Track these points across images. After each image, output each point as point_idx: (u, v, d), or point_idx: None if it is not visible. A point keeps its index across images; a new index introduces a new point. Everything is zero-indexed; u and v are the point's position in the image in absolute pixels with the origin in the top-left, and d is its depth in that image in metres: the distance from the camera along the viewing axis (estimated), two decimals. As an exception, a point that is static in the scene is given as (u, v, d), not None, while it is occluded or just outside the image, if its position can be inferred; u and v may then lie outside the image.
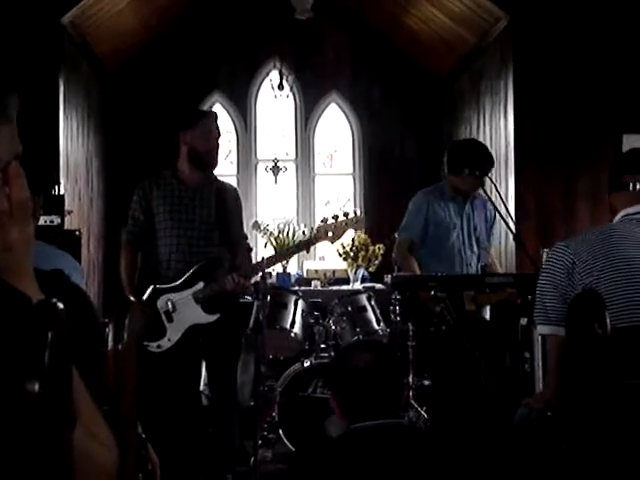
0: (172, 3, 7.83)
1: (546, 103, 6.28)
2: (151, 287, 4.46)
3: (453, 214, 4.99)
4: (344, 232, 4.61)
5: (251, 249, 4.92)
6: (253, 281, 4.60)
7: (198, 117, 4.66)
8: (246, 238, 4.83)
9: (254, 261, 4.75)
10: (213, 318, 4.42)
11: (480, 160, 4.87)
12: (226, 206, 4.60)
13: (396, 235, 5.14)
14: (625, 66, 6.17)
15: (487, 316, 4.99)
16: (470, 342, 4.16)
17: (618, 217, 2.95)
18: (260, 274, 4.48)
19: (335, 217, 4.55)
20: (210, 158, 4.56)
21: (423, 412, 4.88)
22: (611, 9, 6.17)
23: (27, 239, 1.06)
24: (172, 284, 4.45)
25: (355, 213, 4.67)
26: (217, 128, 4.60)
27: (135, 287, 4.51)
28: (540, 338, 3.98)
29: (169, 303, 4.43)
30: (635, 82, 6.14)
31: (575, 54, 6.21)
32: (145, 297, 4.45)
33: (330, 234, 4.54)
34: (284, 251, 4.91)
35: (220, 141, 4.63)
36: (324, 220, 4.58)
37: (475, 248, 5.03)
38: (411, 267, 4.84)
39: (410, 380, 4.93)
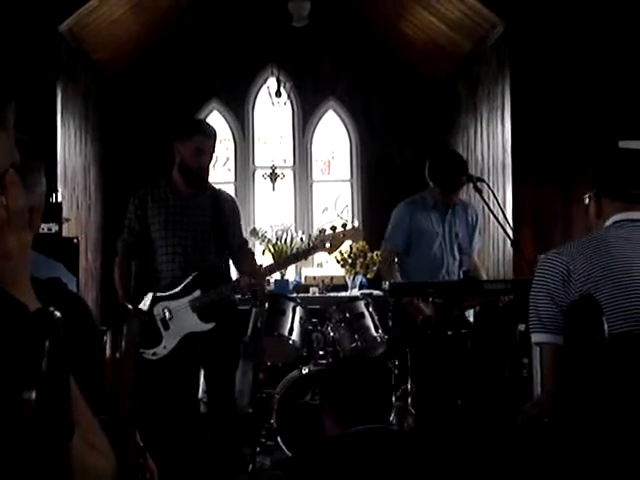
0: (169, 10, 7.83)
1: (543, 109, 6.29)
2: (148, 295, 4.47)
3: (435, 223, 5.10)
4: (342, 243, 4.63)
5: (253, 253, 4.93)
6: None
7: (193, 132, 4.54)
8: (246, 243, 4.85)
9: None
10: (209, 326, 4.42)
11: (451, 174, 4.98)
12: (223, 214, 4.60)
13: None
14: (621, 72, 6.17)
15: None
16: (458, 349, 4.19)
17: (609, 222, 2.92)
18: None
19: (333, 228, 4.56)
20: (199, 175, 4.52)
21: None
22: (607, 15, 6.17)
23: (24, 247, 1.06)
24: (169, 292, 4.45)
25: (353, 224, 4.70)
26: (212, 145, 4.53)
27: (130, 296, 4.52)
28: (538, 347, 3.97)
29: (165, 311, 4.43)
30: (631, 88, 6.15)
31: (571, 60, 6.22)
32: (142, 305, 4.45)
33: (327, 245, 4.56)
34: (282, 261, 4.92)
35: (214, 156, 4.61)
36: (322, 231, 4.59)
37: (457, 254, 5.15)
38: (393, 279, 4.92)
39: (408, 387, 4.92)
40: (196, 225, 4.53)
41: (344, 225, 4.63)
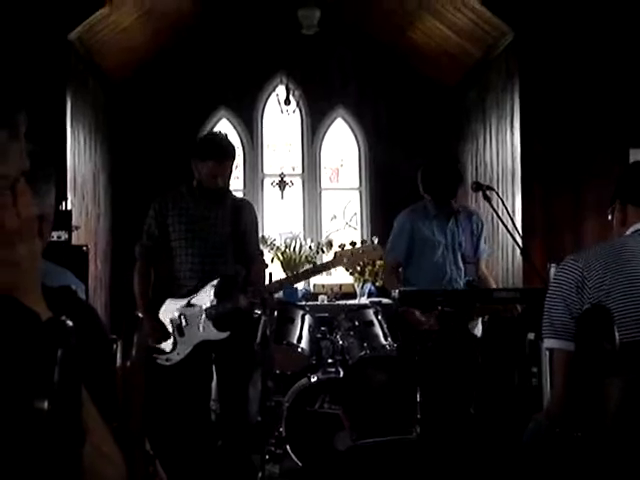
0: (178, 19, 7.85)
1: (552, 117, 6.28)
2: (165, 301, 4.49)
3: (437, 232, 5.04)
4: (361, 259, 4.64)
5: (267, 265, 4.90)
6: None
7: (207, 156, 4.47)
8: (262, 254, 4.84)
9: (268, 278, 4.70)
10: (224, 335, 4.42)
11: (444, 184, 4.95)
12: (242, 223, 4.60)
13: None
14: (631, 80, 6.16)
15: (478, 331, 4.99)
16: (461, 358, 4.18)
17: (630, 231, 2.91)
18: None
19: (352, 244, 4.57)
20: (216, 192, 4.53)
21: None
22: (616, 23, 6.17)
23: (35, 256, 1.06)
24: (185, 299, 4.46)
25: (372, 242, 4.69)
26: (229, 166, 4.51)
27: (148, 300, 4.53)
28: (548, 352, 3.96)
29: (181, 317, 4.45)
30: (641, 96, 6.15)
31: (581, 68, 6.21)
32: (158, 311, 4.48)
33: (347, 261, 4.56)
34: (300, 275, 4.93)
35: (229, 173, 4.60)
36: (342, 246, 4.60)
37: (460, 264, 5.07)
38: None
39: (417, 395, 4.90)
40: (215, 235, 4.53)
41: (363, 242, 4.65)
